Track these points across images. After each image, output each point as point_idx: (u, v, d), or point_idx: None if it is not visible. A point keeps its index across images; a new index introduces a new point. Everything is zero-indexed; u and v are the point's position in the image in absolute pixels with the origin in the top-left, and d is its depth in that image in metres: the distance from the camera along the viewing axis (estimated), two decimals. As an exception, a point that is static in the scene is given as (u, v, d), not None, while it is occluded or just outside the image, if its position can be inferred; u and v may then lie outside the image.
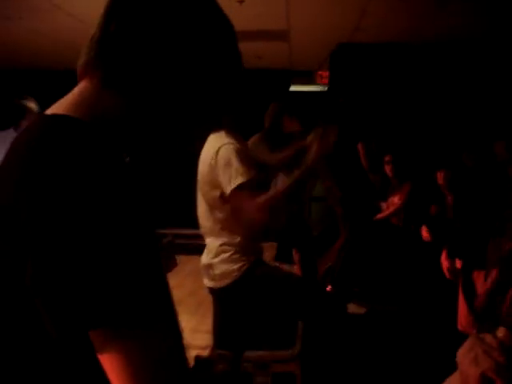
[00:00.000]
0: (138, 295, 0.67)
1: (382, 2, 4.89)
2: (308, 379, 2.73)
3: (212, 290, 2.58)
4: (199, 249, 2.74)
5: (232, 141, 2.38)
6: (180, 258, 7.01)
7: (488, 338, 1.19)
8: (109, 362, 0.67)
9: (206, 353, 2.85)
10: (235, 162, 2.30)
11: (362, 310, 4.29)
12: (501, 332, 1.22)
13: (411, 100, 6.16)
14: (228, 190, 2.30)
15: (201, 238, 2.69)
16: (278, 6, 5.08)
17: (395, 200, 5.25)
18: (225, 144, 2.36)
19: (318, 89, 7.66)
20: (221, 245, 2.48)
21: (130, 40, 0.80)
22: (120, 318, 0.65)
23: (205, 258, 2.58)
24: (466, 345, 1.19)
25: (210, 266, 2.52)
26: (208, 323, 2.82)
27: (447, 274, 3.85)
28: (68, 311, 0.65)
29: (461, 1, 4.75)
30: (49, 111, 0.80)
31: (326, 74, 7.10)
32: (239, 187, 2.28)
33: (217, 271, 2.48)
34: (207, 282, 2.57)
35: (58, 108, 0.80)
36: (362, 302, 4.43)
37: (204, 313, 4.42)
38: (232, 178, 2.29)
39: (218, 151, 2.35)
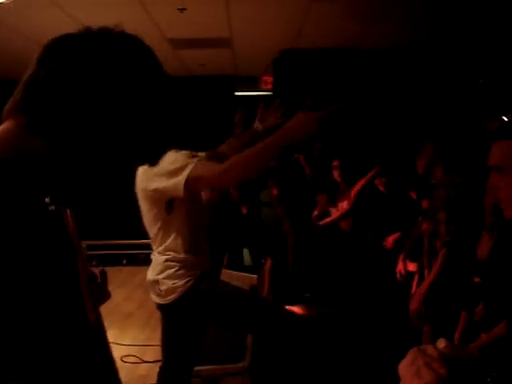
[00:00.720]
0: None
1: (322, 9, 4.97)
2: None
3: (159, 306, 2.54)
4: (148, 260, 2.70)
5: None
6: (129, 270, 6.94)
7: (429, 349, 1.19)
8: None
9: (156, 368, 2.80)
10: (174, 162, 2.18)
11: (312, 314, 4.31)
12: (441, 343, 1.22)
13: (355, 104, 6.27)
14: (181, 185, 2.16)
15: (150, 248, 2.65)
16: (219, 14, 5.09)
17: (344, 205, 5.29)
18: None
19: (264, 93, 7.71)
20: (165, 261, 2.44)
21: (58, 88, 0.82)
22: None
23: (150, 274, 2.54)
24: (408, 357, 1.19)
25: (155, 282, 2.48)
26: (159, 336, 2.78)
27: (398, 276, 3.91)
28: None
29: (402, 10, 4.90)
30: None
31: (270, 79, 7.16)
32: (192, 173, 2.16)
33: (162, 287, 2.44)
34: (154, 298, 2.54)
35: None
36: (312, 307, 4.46)
37: (155, 325, 4.33)
38: (180, 173, 2.14)
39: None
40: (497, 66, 6.28)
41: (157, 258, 2.50)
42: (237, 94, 8.04)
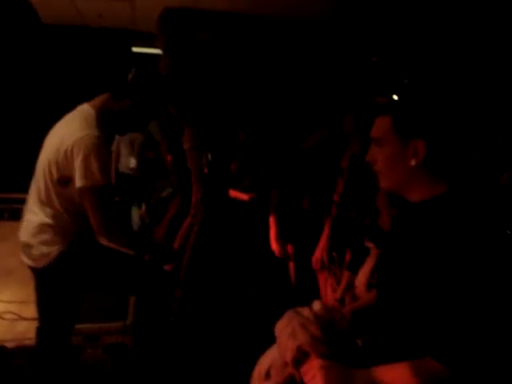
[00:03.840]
0: None
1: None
2: (140, 350, 2.75)
3: (31, 268, 2.49)
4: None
5: (98, 134, 2.27)
6: (11, 224, 6.63)
7: (305, 311, 1.26)
8: None
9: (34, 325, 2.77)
10: (92, 161, 2.20)
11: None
12: (316, 305, 1.30)
13: (246, 70, 6.29)
14: (78, 185, 2.22)
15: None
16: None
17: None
18: (88, 135, 2.24)
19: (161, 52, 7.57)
20: (41, 224, 2.37)
21: None
22: None
23: (23, 236, 2.45)
24: (284, 318, 1.26)
25: (28, 245, 2.40)
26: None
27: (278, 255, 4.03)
28: None
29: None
30: None
31: (169, 38, 7.01)
32: (88, 189, 2.21)
33: (36, 252, 2.38)
34: (26, 261, 2.47)
35: None
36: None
37: (37, 282, 4.26)
38: (84, 176, 2.19)
39: (79, 139, 2.23)
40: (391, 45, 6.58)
41: (31, 219, 2.41)
42: (134, 50, 7.85)
